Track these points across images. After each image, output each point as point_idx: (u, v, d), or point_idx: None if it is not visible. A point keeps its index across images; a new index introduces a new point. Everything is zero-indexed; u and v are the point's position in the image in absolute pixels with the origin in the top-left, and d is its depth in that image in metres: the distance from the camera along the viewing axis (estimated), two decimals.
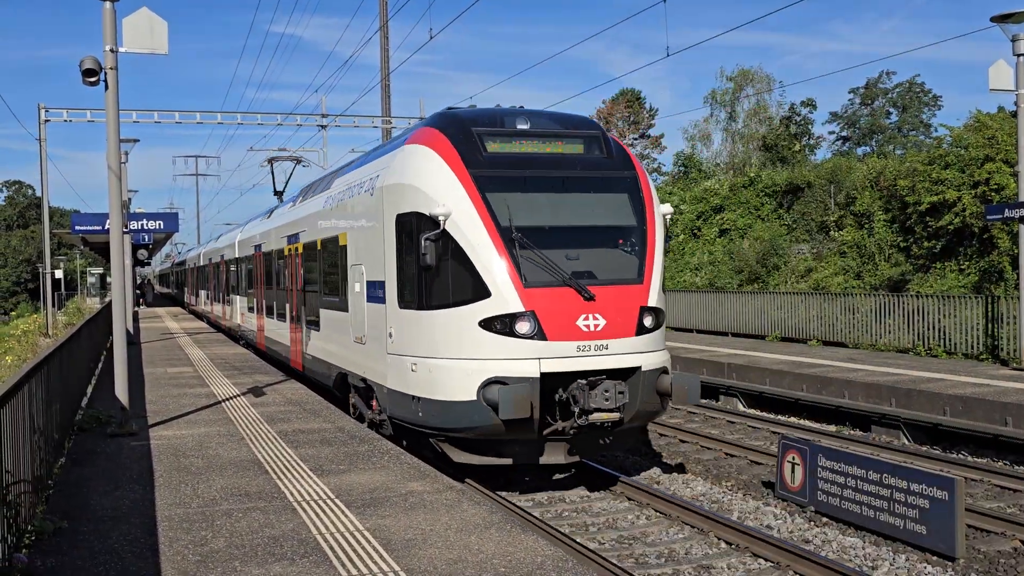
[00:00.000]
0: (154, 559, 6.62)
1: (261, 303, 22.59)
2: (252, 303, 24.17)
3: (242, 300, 26.23)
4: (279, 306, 19.98)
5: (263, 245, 22.26)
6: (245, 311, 25.62)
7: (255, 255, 23.49)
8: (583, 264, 10.68)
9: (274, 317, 20.58)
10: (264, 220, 23.81)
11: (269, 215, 23.57)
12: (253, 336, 24.12)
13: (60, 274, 76.73)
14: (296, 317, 18.03)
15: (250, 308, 24.58)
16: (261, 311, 22.55)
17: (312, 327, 16.51)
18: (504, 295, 10.26)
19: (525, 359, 10.17)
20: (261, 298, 22.61)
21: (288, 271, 18.92)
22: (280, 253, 19.76)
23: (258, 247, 23.01)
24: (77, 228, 25.71)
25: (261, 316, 22.52)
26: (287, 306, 18.95)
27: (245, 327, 25.72)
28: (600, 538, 9.59)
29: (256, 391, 15.67)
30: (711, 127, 59.81)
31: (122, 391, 11.69)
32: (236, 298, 27.42)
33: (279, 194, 25.16)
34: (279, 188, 25.17)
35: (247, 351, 23.54)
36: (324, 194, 16.25)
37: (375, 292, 12.34)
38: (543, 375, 10.13)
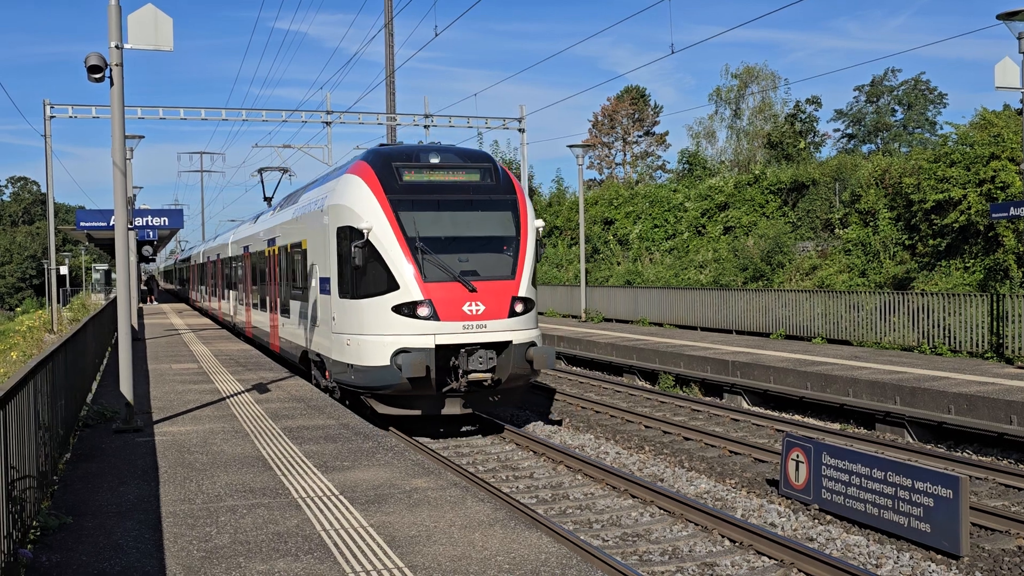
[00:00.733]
0: (159, 555, 6.63)
1: (249, 297, 25.67)
2: (241, 297, 27.18)
3: (234, 294, 29.23)
4: (261, 299, 23.35)
5: (250, 246, 25.51)
6: (236, 304, 28.62)
7: (244, 255, 26.65)
8: (470, 265, 14.14)
9: (258, 309, 23.92)
10: (252, 224, 27.37)
11: (255, 220, 27.27)
12: (243, 327, 27.07)
13: (65, 270, 76.86)
14: (274, 307, 21.39)
15: (239, 302, 27.70)
16: (248, 304, 25.71)
17: (285, 315, 19.88)
18: (409, 288, 13.77)
19: (424, 334, 13.66)
20: (248, 292, 25.65)
21: (268, 269, 22.19)
22: (262, 254, 23.12)
23: (246, 248, 26.20)
24: (82, 224, 25.76)
25: (248, 308, 25.71)
26: (267, 299, 22.33)
27: (237, 319, 28.58)
28: (604, 535, 9.60)
29: (260, 387, 15.70)
30: (716, 124, 59.80)
31: (127, 387, 11.72)
32: (230, 293, 30.46)
33: (268, 199, 27.81)
34: (268, 195, 28.19)
35: (250, 347, 23.65)
36: (293, 207, 19.84)
37: (324, 286, 15.72)
38: (437, 346, 13.66)
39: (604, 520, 10.18)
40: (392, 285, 13.85)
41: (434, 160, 14.94)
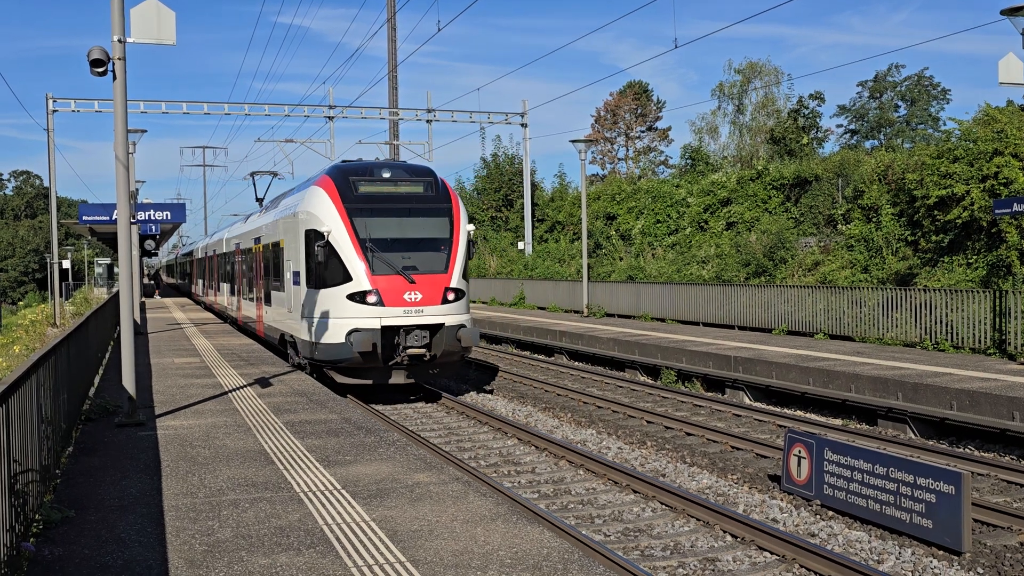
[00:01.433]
0: (161, 549, 6.64)
1: (240, 289, 28.42)
2: (234, 289, 29.92)
3: (227, 287, 31.95)
4: (249, 291, 26.12)
5: (240, 244, 28.30)
6: (230, 296, 31.22)
7: (236, 251, 29.31)
8: (410, 261, 16.95)
9: (247, 300, 26.68)
10: (243, 223, 30.24)
11: (246, 220, 30.21)
12: (236, 316, 29.57)
13: (68, 264, 76.91)
14: (259, 298, 24.10)
15: (232, 294, 30.43)
16: (239, 296, 28.45)
17: (267, 304, 22.63)
18: (360, 280, 16.61)
19: (371, 317, 16.52)
20: (240, 284, 28.42)
21: (255, 265, 24.95)
22: (250, 251, 25.91)
23: (238, 245, 28.93)
24: (85, 218, 25.78)
25: (239, 300, 28.49)
26: (254, 291, 25.16)
27: (230, 310, 31.16)
28: (606, 530, 9.60)
29: (263, 382, 15.71)
30: (719, 120, 59.71)
31: (129, 381, 11.72)
32: (224, 286, 33.24)
33: (260, 200, 29.80)
34: (260, 196, 30.08)
35: (253, 342, 23.72)
36: (274, 210, 22.75)
37: (296, 278, 18.59)
38: (382, 327, 16.51)
39: (606, 515, 10.19)
40: (347, 278, 16.69)
41: (385, 175, 17.84)
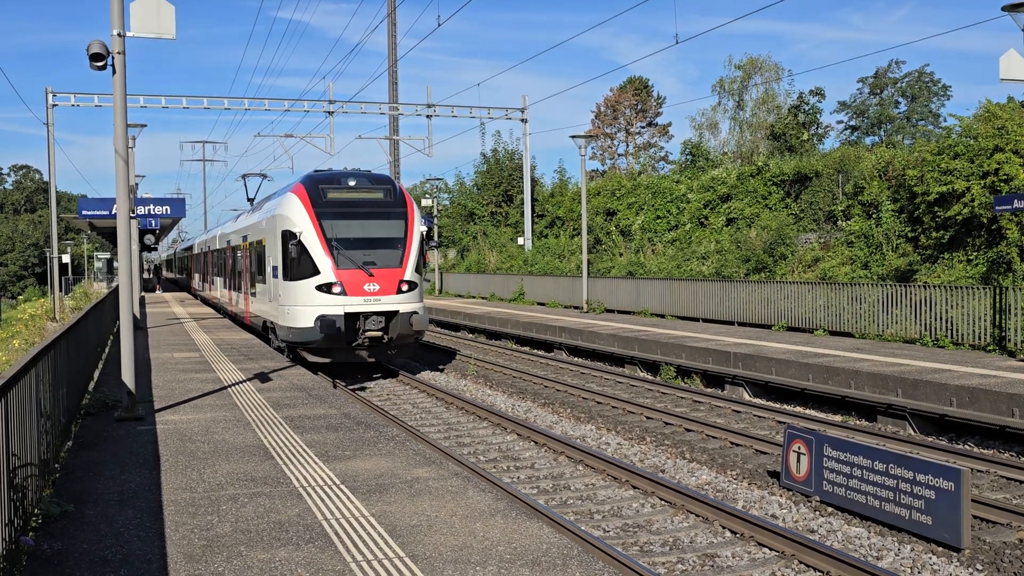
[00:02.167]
0: (160, 543, 6.64)
1: (230, 281, 30.88)
2: (227, 283, 32.14)
3: (221, 281, 34.33)
4: (239, 284, 28.37)
5: (231, 240, 30.59)
6: (223, 289, 33.61)
7: (227, 247, 31.63)
8: (370, 257, 19.57)
9: (237, 291, 29.01)
10: (234, 222, 32.66)
11: (236, 219, 32.68)
12: (226, 307, 32.14)
13: (67, 259, 76.89)
14: (246, 290, 26.58)
15: (224, 286, 32.80)
16: (230, 287, 30.92)
17: (253, 296, 25.19)
18: (327, 274, 19.31)
19: (336, 305, 19.17)
20: (230, 278, 30.88)
21: (243, 260, 27.37)
22: (238, 247, 28.42)
23: (229, 242, 31.23)
24: (84, 213, 25.77)
25: (230, 291, 31.02)
26: (243, 283, 27.47)
27: (222, 301, 33.82)
28: (605, 526, 9.60)
29: (262, 376, 15.71)
30: (719, 116, 59.71)
31: (129, 376, 11.72)
32: (217, 280, 35.72)
33: (251, 200, 32.57)
34: (251, 196, 32.68)
35: (252, 336, 23.73)
36: (259, 212, 25.74)
37: (275, 272, 21.26)
38: (346, 313, 19.15)
39: (605, 511, 10.19)
40: (316, 271, 19.39)
41: (350, 183, 20.49)
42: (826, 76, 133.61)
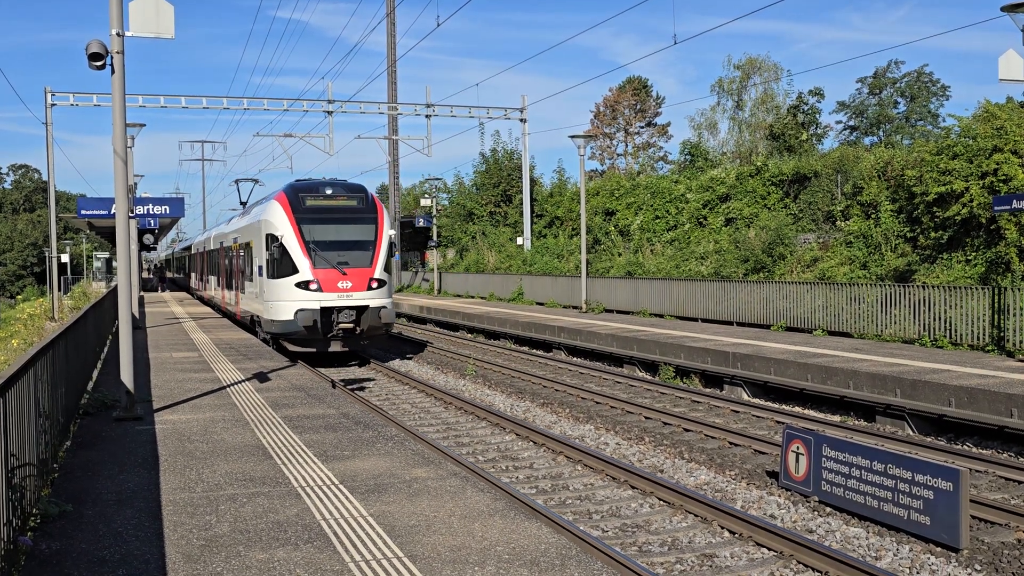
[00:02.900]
0: (158, 543, 6.64)
1: (223, 280, 33.01)
2: (219, 281, 34.55)
3: (215, 279, 36.55)
4: (231, 282, 30.59)
5: (224, 242, 32.84)
6: (215, 286, 36.28)
7: (220, 248, 33.93)
8: (343, 258, 21.72)
9: (229, 289, 31.17)
10: (227, 224, 35.05)
11: (229, 222, 35.22)
12: (220, 304, 34.36)
13: (66, 258, 76.85)
14: (237, 288, 28.72)
15: (218, 284, 35.22)
16: (223, 286, 33.08)
17: (243, 292, 27.32)
18: (305, 272, 21.46)
19: (313, 300, 21.36)
20: (223, 276, 33.01)
21: (234, 260, 29.38)
22: (230, 248, 30.49)
23: (222, 243, 33.42)
24: (83, 212, 25.78)
25: (222, 289, 33.36)
26: (234, 281, 29.50)
27: (216, 298, 36.12)
28: (603, 526, 9.60)
29: (261, 376, 15.70)
30: (718, 116, 59.75)
31: (127, 375, 11.71)
32: (211, 278, 38.11)
33: (243, 204, 34.17)
34: (244, 200, 34.38)
35: (251, 336, 23.78)
36: (248, 216, 27.79)
37: (260, 271, 23.32)
38: (321, 308, 21.32)
39: (604, 511, 10.19)
40: (295, 270, 21.56)
41: (327, 192, 22.77)
42: (825, 76, 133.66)
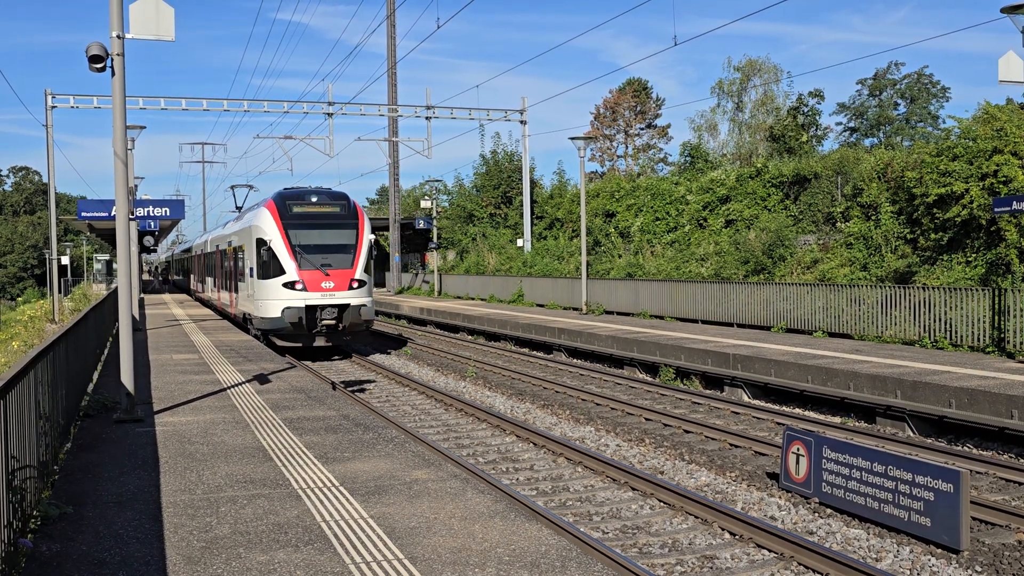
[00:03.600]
0: (159, 545, 6.64)
1: (219, 281, 35.02)
2: (216, 282, 36.43)
3: (212, 280, 38.33)
4: (226, 283, 32.38)
5: (220, 245, 34.76)
6: (212, 287, 38.10)
7: (217, 251, 35.76)
8: (327, 260, 23.76)
9: (225, 290, 32.82)
10: (223, 228, 36.87)
11: (224, 226, 37.26)
12: (216, 303, 36.22)
13: (66, 260, 76.83)
14: (232, 288, 30.45)
15: (215, 286, 36.85)
16: (219, 287, 35.07)
17: (237, 292, 29.14)
18: (291, 273, 23.50)
19: (298, 299, 23.37)
20: (219, 278, 35.02)
21: (229, 262, 31.17)
22: (226, 251, 32.40)
23: (219, 246, 35.31)
24: (83, 214, 25.80)
25: (219, 290, 35.26)
26: (229, 282, 31.42)
27: (212, 298, 37.94)
28: (604, 527, 9.60)
29: (261, 378, 15.70)
30: (718, 117, 59.73)
31: (128, 377, 11.71)
32: (211, 280, 39.62)
33: (239, 208, 36.59)
34: (239, 204, 36.93)
35: (251, 338, 23.79)
36: (241, 221, 29.87)
37: (251, 273, 25.32)
38: (306, 306, 23.34)
39: (604, 512, 10.19)
40: (282, 272, 23.59)
41: (312, 199, 24.86)
42: (825, 78, 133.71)
